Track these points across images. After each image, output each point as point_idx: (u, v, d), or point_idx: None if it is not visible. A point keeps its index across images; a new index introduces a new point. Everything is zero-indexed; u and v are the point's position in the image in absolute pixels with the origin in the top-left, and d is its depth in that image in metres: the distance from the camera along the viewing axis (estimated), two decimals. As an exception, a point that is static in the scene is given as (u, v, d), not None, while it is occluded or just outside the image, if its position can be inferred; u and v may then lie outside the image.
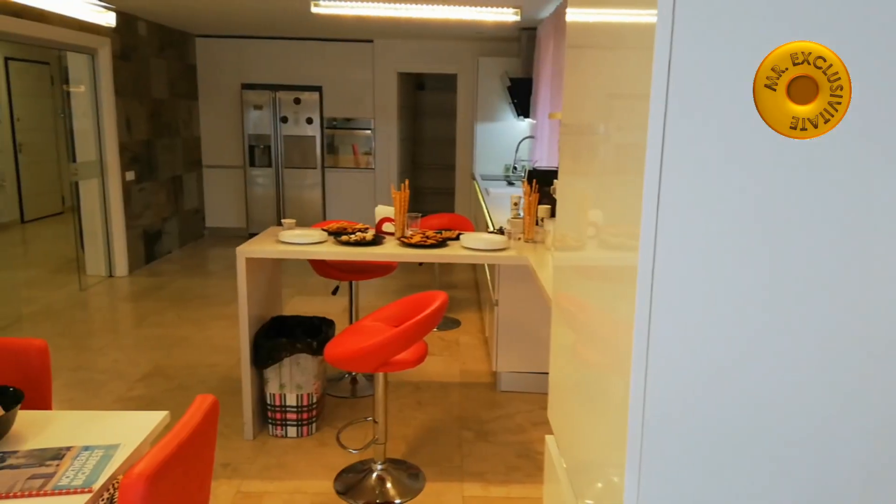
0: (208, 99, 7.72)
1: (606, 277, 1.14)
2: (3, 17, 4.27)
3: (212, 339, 4.38)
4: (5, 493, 1.35)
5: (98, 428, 1.64)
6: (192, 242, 7.53)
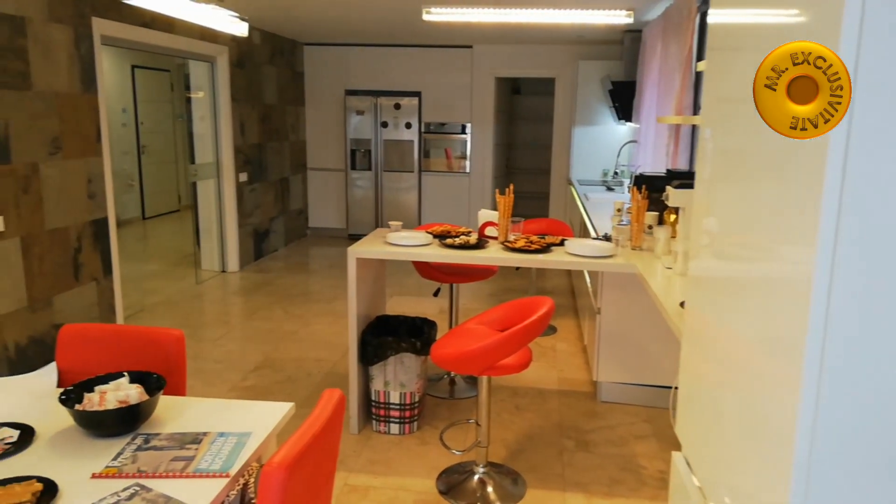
0: (314, 105, 8.04)
1: (767, 291, 1.09)
2: (137, 28, 4.63)
3: (316, 335, 4.55)
4: (152, 473, 1.46)
5: (229, 415, 1.74)
6: (296, 241, 7.86)
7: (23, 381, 1.91)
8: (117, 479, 1.43)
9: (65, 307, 4.00)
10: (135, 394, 1.67)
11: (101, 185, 4.32)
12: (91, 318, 4.24)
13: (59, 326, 3.95)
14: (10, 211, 3.56)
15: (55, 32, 3.85)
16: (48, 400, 1.81)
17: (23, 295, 3.67)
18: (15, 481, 1.39)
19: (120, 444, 1.58)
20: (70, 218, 4.03)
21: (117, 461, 1.50)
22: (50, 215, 3.86)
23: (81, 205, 4.13)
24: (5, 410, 1.74)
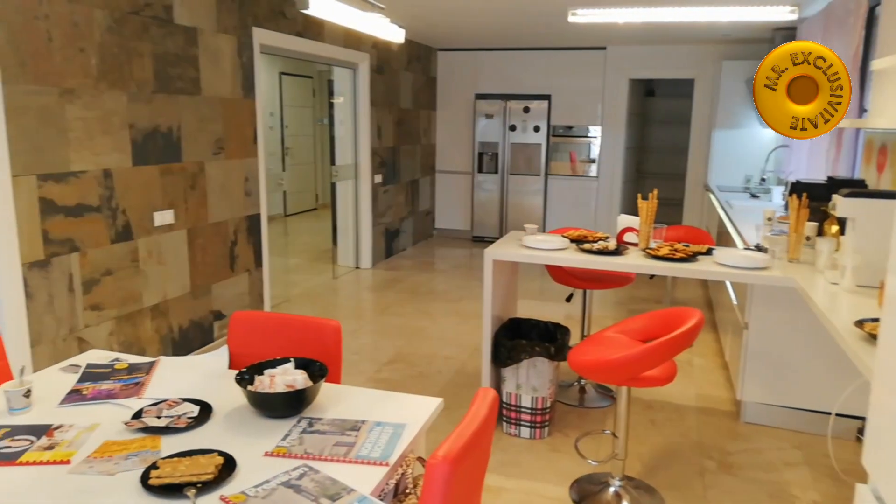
0: (445, 108, 8.21)
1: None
2: (291, 37, 4.95)
3: (445, 333, 4.64)
4: (318, 455, 1.54)
5: (383, 406, 1.80)
6: (423, 241, 8.06)
7: (198, 361, 2.09)
8: (287, 458, 1.53)
9: (221, 295, 4.35)
10: (301, 379, 1.78)
11: (256, 184, 4.66)
12: (242, 305, 4.59)
13: (216, 312, 4.31)
14: (180, 205, 3.93)
15: (222, 42, 4.21)
16: (221, 380, 1.98)
17: (187, 282, 4.03)
18: (199, 453, 1.52)
19: (287, 426, 1.69)
20: (228, 213, 4.38)
21: (286, 442, 1.61)
22: (212, 210, 4.21)
23: (239, 201, 4.47)
24: (185, 387, 1.91)
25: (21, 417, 1.71)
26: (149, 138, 3.66)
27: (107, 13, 3.33)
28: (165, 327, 3.87)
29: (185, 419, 1.70)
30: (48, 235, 3.10)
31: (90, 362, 2.06)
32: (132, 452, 1.54)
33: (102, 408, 1.78)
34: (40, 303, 3.08)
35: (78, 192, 3.24)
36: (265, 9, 4.64)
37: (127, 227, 3.54)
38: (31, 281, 3.03)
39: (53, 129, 3.09)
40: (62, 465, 1.49)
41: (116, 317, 3.51)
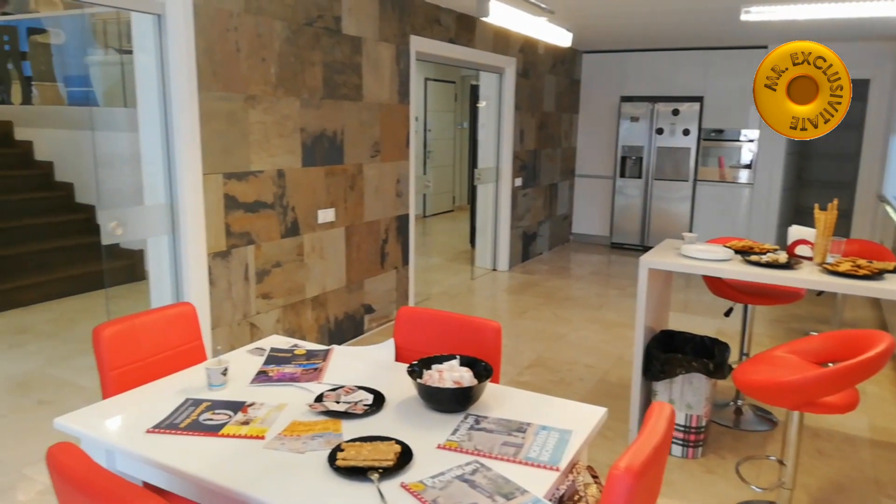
0: (587, 112, 8.06)
1: None
2: (444, 43, 5.09)
3: (586, 341, 4.56)
4: (487, 453, 1.58)
5: (546, 410, 1.81)
6: (560, 246, 7.97)
7: (367, 352, 2.21)
8: (458, 453, 1.58)
9: (371, 290, 4.57)
10: (467, 376, 1.83)
11: (406, 186, 4.84)
12: (389, 301, 4.79)
13: (367, 306, 4.53)
14: (340, 204, 4.18)
15: (382, 50, 4.41)
16: (389, 371, 2.08)
17: (343, 276, 4.28)
18: (378, 440, 1.61)
19: (454, 421, 1.74)
20: (381, 212, 4.59)
21: (455, 436, 1.66)
22: (368, 210, 4.43)
23: (391, 202, 4.67)
24: (358, 375, 2.03)
25: (219, 393, 1.89)
26: (316, 141, 3.92)
27: (285, 25, 3.62)
28: (323, 317, 4.13)
29: (361, 406, 1.80)
30: (230, 229, 3.41)
31: (273, 346, 2.25)
32: (317, 433, 1.66)
33: (287, 389, 1.93)
34: (221, 289, 3.40)
35: (256, 189, 3.54)
36: (422, 17, 4.81)
37: (295, 223, 3.82)
38: (215, 269, 3.35)
39: (238, 132, 3.40)
40: (257, 440, 1.64)
41: (283, 305, 3.80)
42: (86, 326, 4.54)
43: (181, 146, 3.13)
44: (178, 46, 3.05)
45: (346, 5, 4.05)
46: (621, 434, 3.20)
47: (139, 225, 3.11)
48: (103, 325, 1.97)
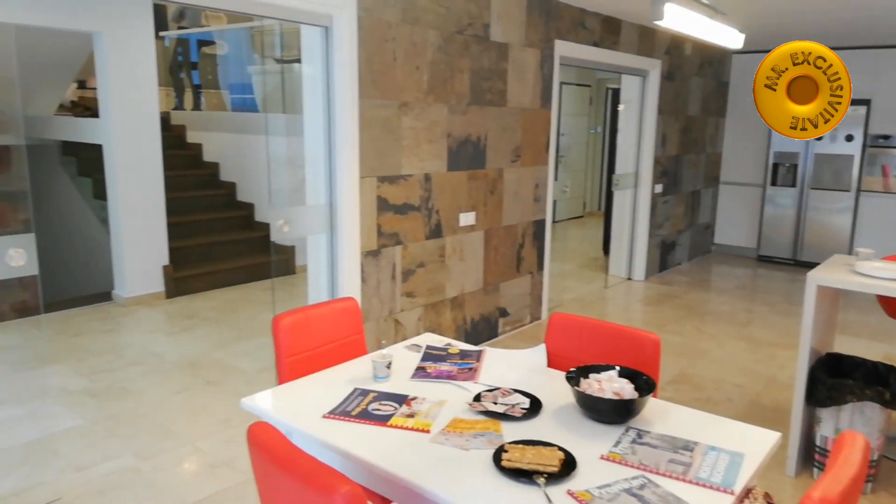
0: (736, 115, 7.61)
1: None
2: (588, 47, 5.02)
3: (733, 358, 4.30)
4: (654, 469, 1.54)
5: (714, 430, 1.73)
6: (700, 257, 7.58)
7: (518, 356, 2.23)
8: (621, 465, 1.55)
9: (507, 293, 4.60)
10: (628, 389, 1.79)
11: (544, 191, 4.83)
12: (523, 306, 4.79)
13: (502, 309, 4.57)
14: (480, 208, 4.24)
15: (528, 55, 4.43)
16: (542, 375, 2.08)
17: (480, 279, 4.34)
18: (540, 444, 1.62)
19: (614, 433, 1.71)
20: (519, 217, 4.61)
21: (618, 448, 1.63)
22: (506, 214, 4.47)
23: (528, 207, 4.68)
24: (512, 378, 2.06)
25: (383, 385, 1.99)
26: (461, 146, 4.01)
27: (438, 33, 3.73)
28: (461, 318, 4.22)
29: (518, 409, 1.82)
30: (381, 229, 3.58)
31: (429, 344, 2.33)
32: (479, 432, 1.70)
33: (445, 386, 1.99)
34: (371, 286, 3.57)
35: (405, 192, 3.68)
36: (567, 21, 4.78)
37: (438, 225, 3.93)
38: (366, 268, 3.53)
39: (391, 138, 3.56)
40: (423, 433, 1.71)
41: (424, 304, 3.92)
42: (244, 315, 4.94)
43: (341, 151, 3.32)
44: (343, 56, 3.24)
45: (496, 12, 4.11)
46: (777, 462, 2.99)
47: (302, 223, 3.34)
48: (282, 315, 2.14)
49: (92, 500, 2.53)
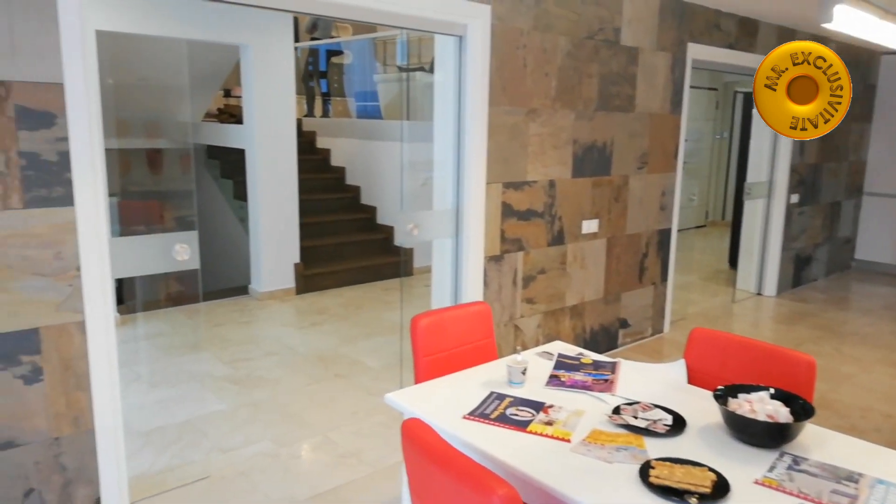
0: (884, 121, 6.98)
1: None
2: (723, 49, 4.80)
3: (881, 385, 3.95)
4: (815, 498, 1.45)
5: (878, 461, 1.61)
6: (838, 273, 7.02)
7: (656, 370, 2.17)
8: (778, 492, 1.48)
9: (628, 304, 4.48)
10: (783, 412, 1.70)
11: (671, 199, 4.66)
12: (644, 318, 4.65)
13: (622, 320, 4.46)
14: (604, 216, 4.17)
15: (658, 59, 4.30)
16: (683, 392, 2.01)
17: (601, 288, 4.26)
18: (688, 463, 1.57)
19: (767, 458, 1.63)
20: (643, 226, 4.48)
21: (773, 474, 1.55)
22: (630, 222, 4.36)
23: (653, 215, 4.54)
24: (650, 393, 2.01)
25: (518, 390, 2.01)
26: (587, 153, 3.96)
27: (568, 39, 3.71)
28: (580, 327, 4.16)
29: (661, 425, 1.77)
30: (504, 235, 3.60)
31: (560, 352, 2.32)
32: (621, 446, 1.67)
33: (581, 396, 1.98)
34: (492, 291, 3.61)
35: (528, 199, 3.69)
36: (701, 24, 4.59)
37: (561, 232, 3.91)
38: (489, 272, 3.57)
39: (517, 144, 3.57)
40: (563, 441, 1.70)
41: (544, 311, 3.91)
42: (368, 313, 5.14)
43: (469, 157, 3.38)
44: (475, 64, 3.30)
45: (627, 16, 4.02)
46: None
47: (430, 227, 3.43)
48: (420, 315, 2.21)
49: (236, 481, 2.73)
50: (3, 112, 2.03)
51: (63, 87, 2.13)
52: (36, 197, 2.10)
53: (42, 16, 2.07)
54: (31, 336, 2.14)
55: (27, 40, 2.05)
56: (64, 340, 2.21)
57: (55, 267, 2.16)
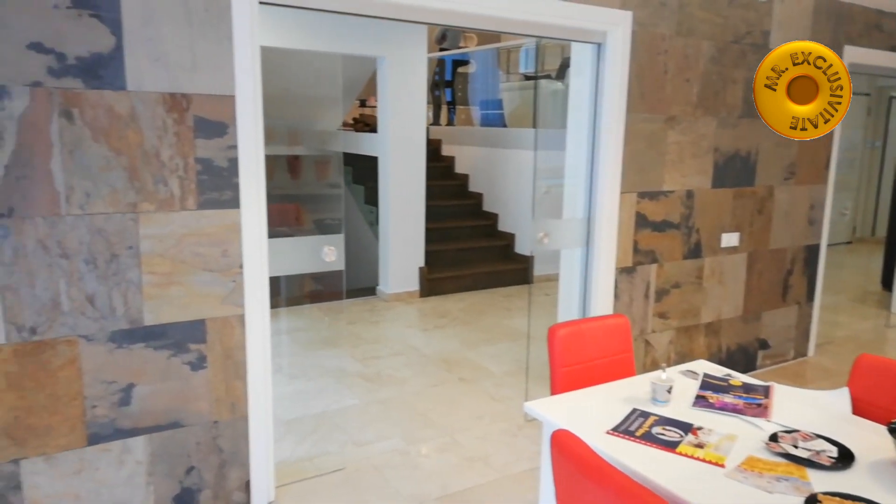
0: None
1: None
2: (884, 52, 4.39)
3: None
4: None
5: None
6: None
7: (815, 397, 2.02)
8: (973, 543, 1.32)
9: (769, 324, 4.20)
10: (977, 454, 1.52)
11: (821, 212, 4.32)
12: (787, 339, 4.34)
13: (761, 341, 4.18)
14: (745, 229, 3.93)
15: (811, 64, 4.01)
16: (848, 424, 1.86)
17: (740, 305, 4.02)
18: (862, 501, 1.44)
19: (956, 503, 1.47)
20: (789, 240, 4.18)
21: (966, 522, 1.39)
22: (774, 236, 4.09)
23: (800, 229, 4.23)
24: (809, 421, 1.87)
25: (663, 409, 1.94)
26: (728, 162, 3.76)
27: (712, 44, 3.55)
28: (715, 345, 3.95)
29: (825, 457, 1.65)
30: (637, 246, 3.50)
31: (705, 372, 2.22)
32: (781, 475, 1.57)
33: (732, 420, 1.88)
34: (623, 303, 3.51)
35: (664, 209, 3.56)
36: (860, 25, 4.23)
37: (698, 245, 3.73)
38: (620, 284, 3.48)
39: (654, 153, 3.46)
40: (715, 466, 1.63)
41: (677, 327, 3.75)
42: (490, 318, 5.18)
43: (604, 165, 3.32)
44: (614, 71, 3.23)
45: (777, 18, 3.79)
46: None
47: (560, 236, 3.40)
48: (557, 325, 2.20)
49: (369, 475, 2.84)
50: (184, 122, 2.24)
51: (234, 98, 2.32)
52: (208, 199, 2.31)
53: (219, 34, 2.27)
54: (198, 326, 2.35)
55: (206, 56, 2.26)
56: (226, 331, 2.40)
57: (222, 263, 2.36)
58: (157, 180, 2.21)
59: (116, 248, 2.18)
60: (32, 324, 2.09)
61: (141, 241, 2.21)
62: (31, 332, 2.10)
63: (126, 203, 2.18)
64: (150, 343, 2.27)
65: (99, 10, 2.07)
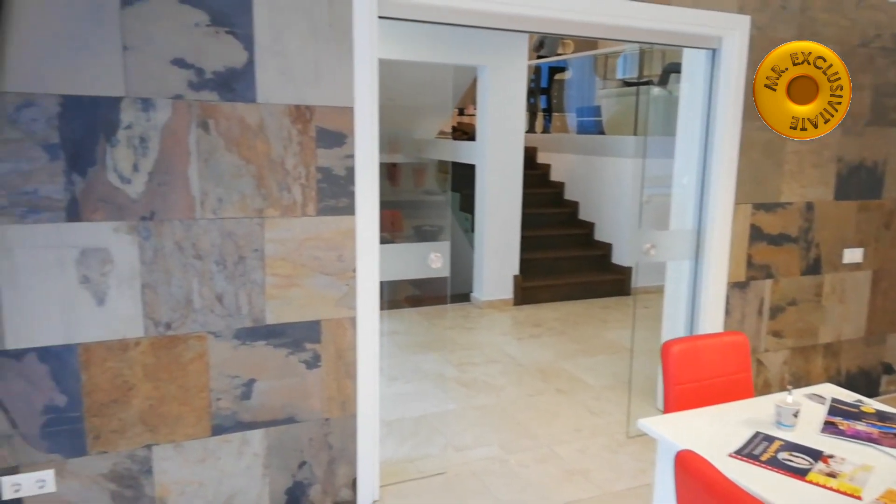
0: None
1: None
2: None
3: None
4: None
5: None
6: None
7: (962, 430, 1.85)
8: None
9: (894, 347, 3.89)
10: None
11: (959, 228, 3.96)
12: None
13: (886, 365, 3.88)
14: (870, 244, 3.67)
15: (951, 66, 3.69)
16: None
17: (862, 326, 3.75)
18: None
19: None
20: (920, 258, 3.86)
21: None
22: (904, 253, 3.79)
23: (934, 246, 3.89)
24: (957, 456, 1.72)
25: (788, 434, 1.84)
26: (853, 172, 3.53)
27: (837, 48, 3.32)
28: (834, 368, 3.71)
29: (981, 497, 1.51)
30: (751, 260, 3.34)
31: (833, 396, 2.09)
32: (930, 514, 1.46)
33: (867, 449, 1.76)
34: (734, 320, 3.36)
35: (781, 222, 3.38)
36: None
37: (817, 260, 3.52)
38: (731, 299, 3.33)
39: (772, 163, 3.30)
40: (851, 497, 1.53)
41: (792, 347, 3.55)
42: (586, 329, 5.09)
43: (717, 175, 3.19)
44: (730, 78, 3.11)
45: (913, 18, 3.52)
46: None
47: (667, 247, 3.31)
48: (672, 341, 2.13)
49: (469, 480, 2.86)
50: (307, 132, 2.36)
51: (353, 110, 2.41)
52: (327, 206, 2.41)
53: (341, 48, 2.37)
54: (314, 326, 2.46)
55: (328, 69, 2.36)
56: (339, 332, 2.50)
57: (337, 267, 2.46)
58: (282, 187, 2.34)
59: (244, 251, 2.32)
60: (168, 319, 2.26)
61: (266, 245, 2.34)
62: (166, 326, 2.26)
63: (253, 208, 2.31)
64: (271, 341, 2.40)
65: (234, 28, 2.22)
